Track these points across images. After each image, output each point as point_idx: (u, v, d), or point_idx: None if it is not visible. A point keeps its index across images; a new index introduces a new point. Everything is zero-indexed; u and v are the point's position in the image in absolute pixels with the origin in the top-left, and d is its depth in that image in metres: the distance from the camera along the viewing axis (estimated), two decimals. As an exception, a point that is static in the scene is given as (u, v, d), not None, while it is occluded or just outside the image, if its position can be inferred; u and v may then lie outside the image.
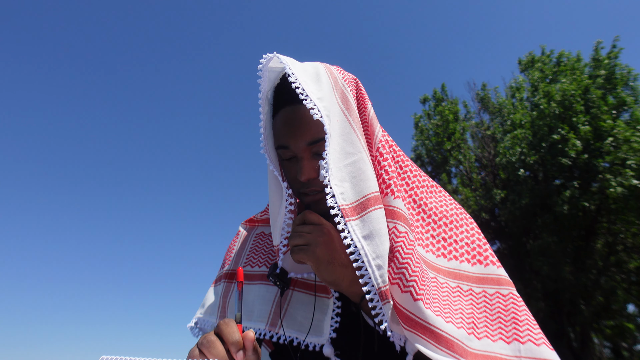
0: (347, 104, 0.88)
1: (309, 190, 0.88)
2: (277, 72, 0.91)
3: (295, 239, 0.80)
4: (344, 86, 0.90)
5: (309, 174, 0.86)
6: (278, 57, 0.85)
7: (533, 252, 10.28)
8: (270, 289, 0.97)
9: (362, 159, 0.83)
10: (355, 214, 0.78)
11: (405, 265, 0.76)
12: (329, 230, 0.81)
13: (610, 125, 9.05)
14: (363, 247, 0.76)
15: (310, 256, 0.78)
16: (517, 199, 10.15)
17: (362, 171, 0.82)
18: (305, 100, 0.81)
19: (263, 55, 0.86)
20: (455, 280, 0.86)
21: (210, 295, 1.10)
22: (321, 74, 0.88)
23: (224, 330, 0.62)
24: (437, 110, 12.80)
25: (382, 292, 0.75)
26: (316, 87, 0.84)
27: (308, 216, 0.83)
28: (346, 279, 0.80)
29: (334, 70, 0.93)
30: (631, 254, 10.09)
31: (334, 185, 0.78)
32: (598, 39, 10.27)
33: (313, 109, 0.80)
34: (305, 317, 0.90)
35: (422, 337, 0.72)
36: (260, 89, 0.88)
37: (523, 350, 0.76)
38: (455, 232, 0.92)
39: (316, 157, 0.87)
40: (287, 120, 0.88)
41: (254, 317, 0.94)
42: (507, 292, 0.85)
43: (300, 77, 0.83)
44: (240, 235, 1.16)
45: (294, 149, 0.87)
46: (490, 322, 0.80)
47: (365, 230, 0.77)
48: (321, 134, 0.84)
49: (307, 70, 0.88)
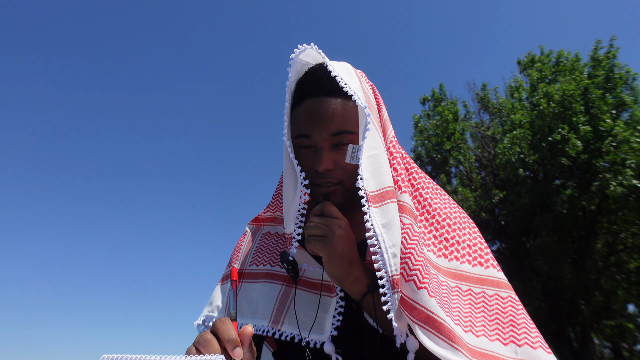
0: (370, 102, 0.91)
1: (324, 181, 0.89)
2: (302, 65, 0.94)
3: (313, 229, 0.81)
4: (367, 87, 0.95)
5: (327, 165, 0.87)
6: (315, 49, 0.88)
7: (533, 252, 10.30)
8: (274, 287, 0.98)
9: (382, 154, 0.87)
10: (376, 202, 0.81)
11: (409, 255, 0.78)
12: (346, 225, 0.82)
13: (610, 125, 9.07)
14: (382, 234, 0.78)
15: (326, 248, 0.79)
16: (516, 199, 10.17)
17: (382, 165, 0.85)
18: (345, 87, 0.84)
19: (298, 45, 0.89)
20: (454, 280, 0.87)
21: (217, 293, 1.11)
22: (350, 71, 0.93)
23: (220, 329, 0.63)
24: (437, 111, 12.82)
25: (394, 281, 0.76)
26: (350, 80, 0.89)
27: (328, 208, 0.84)
28: (351, 276, 0.81)
29: (359, 72, 0.98)
30: (631, 254, 10.12)
31: (363, 169, 0.81)
32: (597, 39, 10.31)
33: (353, 95, 0.83)
34: (307, 314, 0.91)
35: (425, 328, 0.73)
36: (289, 78, 0.91)
37: (520, 353, 0.76)
38: (458, 233, 0.93)
39: (335, 148, 0.89)
40: (311, 110, 0.89)
41: (258, 315, 0.95)
42: (505, 295, 0.86)
43: (336, 68, 0.88)
44: (247, 235, 1.17)
45: (315, 139, 0.88)
46: (488, 322, 0.81)
47: (384, 219, 0.80)
48: (344, 127, 0.87)
49: (338, 66, 0.92)
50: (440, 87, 13.39)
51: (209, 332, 0.63)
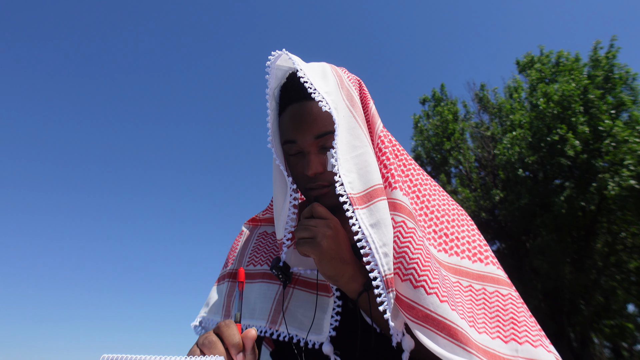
0: (352, 101, 0.90)
1: (315, 184, 0.89)
2: (284, 71, 0.94)
3: (302, 231, 0.80)
4: (349, 85, 0.93)
5: (316, 168, 0.87)
6: (287, 54, 0.87)
7: (533, 251, 10.29)
8: (271, 287, 0.97)
9: (368, 152, 0.86)
10: (362, 203, 0.80)
11: (404, 253, 0.77)
12: (336, 225, 0.82)
13: (609, 125, 9.06)
14: (370, 235, 0.77)
15: (315, 249, 0.78)
16: (516, 199, 10.16)
17: (368, 163, 0.84)
18: (313, 93, 0.83)
19: (272, 52, 0.88)
20: (455, 276, 0.86)
21: (214, 294, 1.10)
22: (327, 72, 0.92)
23: (225, 332, 0.63)
24: (436, 111, 12.81)
25: (388, 280, 0.75)
26: (323, 83, 0.88)
27: (316, 209, 0.83)
28: (346, 275, 0.80)
29: (339, 70, 0.96)
30: (631, 254, 10.11)
31: (342, 174, 0.81)
32: (597, 39, 10.29)
33: (321, 102, 0.82)
34: (305, 315, 0.91)
35: (424, 326, 0.72)
36: (268, 85, 0.90)
37: (520, 351, 0.76)
38: (457, 229, 0.93)
39: (323, 151, 0.89)
40: (294, 115, 0.90)
41: (255, 315, 0.95)
42: (506, 292, 0.85)
43: (308, 73, 0.86)
44: (243, 235, 1.16)
45: (300, 144, 0.88)
46: (489, 319, 0.81)
47: (373, 219, 0.79)
48: (328, 128, 0.87)
49: (314, 68, 0.91)
50: (442, 87, 13.39)
51: (213, 334, 0.63)
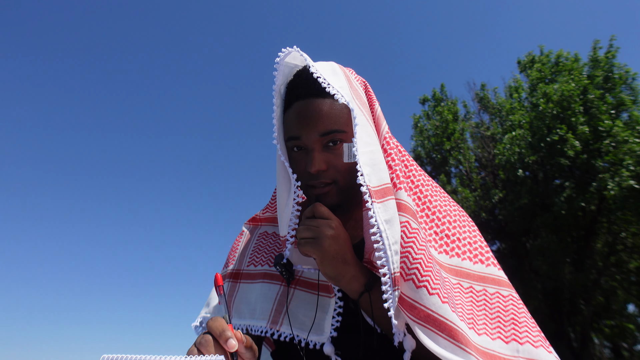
0: (361, 100, 0.91)
1: (317, 182, 0.88)
2: (290, 68, 0.94)
3: (304, 231, 0.80)
4: (357, 85, 0.94)
5: (319, 166, 0.86)
6: (298, 51, 0.87)
7: (533, 251, 10.30)
8: (272, 287, 0.97)
9: (378, 150, 0.86)
10: (379, 197, 0.80)
11: (407, 253, 0.77)
12: (338, 225, 0.82)
13: (609, 125, 9.06)
14: (385, 230, 0.77)
15: (317, 249, 0.78)
16: (516, 199, 10.17)
17: (379, 161, 0.84)
18: (327, 87, 0.84)
19: (282, 49, 0.89)
20: (456, 277, 0.86)
21: (214, 295, 1.10)
22: (337, 70, 0.93)
23: (211, 326, 0.64)
24: (436, 111, 12.81)
25: (395, 278, 0.75)
26: (335, 79, 0.89)
27: (318, 209, 0.83)
28: (347, 276, 0.80)
29: (347, 70, 0.97)
30: (631, 254, 10.11)
31: (362, 165, 0.80)
32: (596, 39, 10.29)
33: (337, 94, 0.83)
34: (306, 315, 0.91)
35: (425, 326, 0.73)
36: (275, 81, 0.91)
37: (521, 351, 0.76)
38: (459, 230, 0.93)
39: (326, 149, 0.88)
40: (300, 112, 0.89)
41: (256, 315, 0.95)
42: (507, 293, 0.85)
43: (320, 69, 0.87)
44: (244, 235, 1.16)
45: (305, 140, 0.88)
46: (490, 320, 0.81)
47: (387, 215, 0.79)
48: (333, 127, 0.86)
49: (324, 66, 0.92)
50: (442, 87, 13.39)
51: (209, 334, 0.64)
